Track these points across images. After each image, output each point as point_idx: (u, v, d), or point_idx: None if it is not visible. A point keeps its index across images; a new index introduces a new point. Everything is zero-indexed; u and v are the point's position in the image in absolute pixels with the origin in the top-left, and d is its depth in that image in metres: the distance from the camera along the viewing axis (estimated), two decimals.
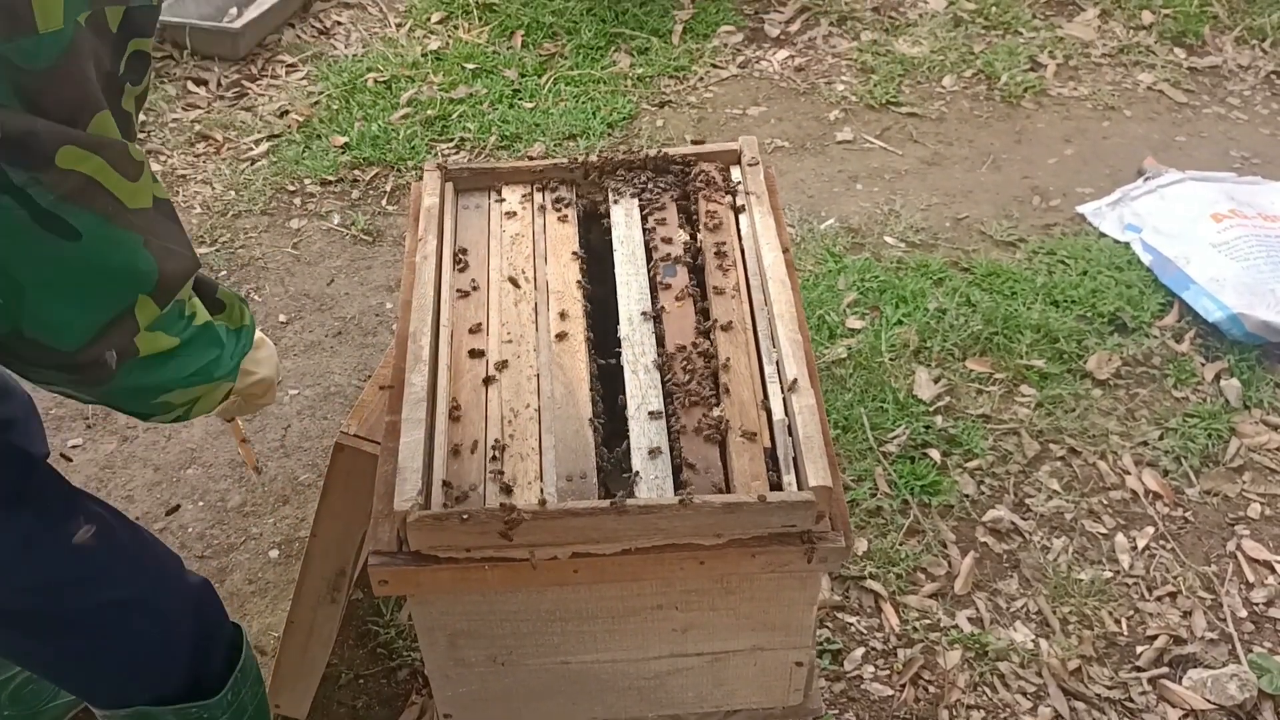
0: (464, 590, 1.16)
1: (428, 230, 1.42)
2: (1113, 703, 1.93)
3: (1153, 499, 2.25)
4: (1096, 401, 2.43)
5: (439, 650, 1.24)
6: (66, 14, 0.85)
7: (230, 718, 1.40)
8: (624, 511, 1.10)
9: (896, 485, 2.24)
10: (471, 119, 3.15)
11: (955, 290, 2.66)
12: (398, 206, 2.92)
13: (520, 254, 1.44)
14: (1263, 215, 2.70)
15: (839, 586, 2.08)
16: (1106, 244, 2.82)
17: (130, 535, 1.29)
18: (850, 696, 1.93)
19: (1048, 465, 2.31)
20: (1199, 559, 2.16)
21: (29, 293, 0.93)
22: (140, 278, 1.00)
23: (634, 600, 1.21)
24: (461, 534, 1.11)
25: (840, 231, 2.86)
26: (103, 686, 1.33)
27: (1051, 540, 2.17)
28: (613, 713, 1.35)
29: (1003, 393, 2.44)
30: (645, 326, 1.35)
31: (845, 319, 2.59)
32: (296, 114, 3.20)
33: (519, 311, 1.37)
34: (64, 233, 0.91)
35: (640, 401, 1.26)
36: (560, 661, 1.27)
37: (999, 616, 2.05)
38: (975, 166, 3.12)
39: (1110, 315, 2.60)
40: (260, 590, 2.08)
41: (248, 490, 2.25)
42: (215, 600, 1.41)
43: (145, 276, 1.00)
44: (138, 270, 0.99)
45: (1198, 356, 2.53)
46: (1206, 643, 2.01)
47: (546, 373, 1.30)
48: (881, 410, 2.38)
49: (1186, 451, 2.33)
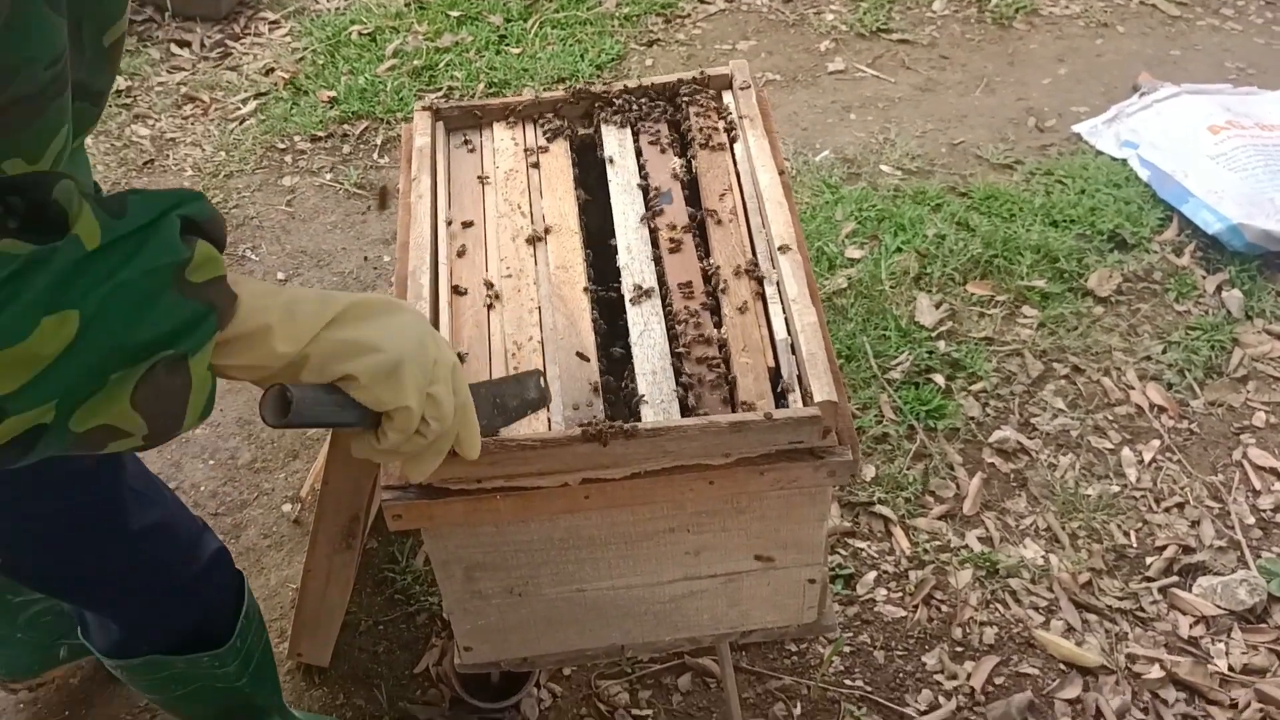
0: (477, 522, 1.17)
1: (421, 170, 1.41)
2: (1124, 613, 1.95)
3: (1157, 412, 2.26)
4: (1099, 319, 2.43)
5: (456, 584, 1.26)
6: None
7: (239, 665, 1.42)
8: (632, 435, 1.11)
9: (902, 411, 2.25)
10: (458, 67, 3.12)
11: (953, 215, 2.64)
12: (389, 159, 2.90)
13: (515, 189, 1.44)
14: (1260, 125, 2.68)
15: (848, 513, 2.10)
16: (1104, 162, 2.80)
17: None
18: (864, 619, 1.96)
19: (1052, 384, 2.32)
20: (1205, 469, 2.17)
21: None
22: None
23: (646, 524, 1.22)
24: (471, 465, 1.11)
25: (836, 162, 2.84)
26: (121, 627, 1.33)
27: (1058, 458, 2.18)
28: (630, 638, 1.37)
29: (1005, 315, 2.44)
30: (644, 254, 1.34)
31: (844, 249, 2.58)
32: (282, 71, 3.17)
33: (516, 246, 1.37)
34: None
35: (642, 328, 1.26)
36: (576, 590, 1.29)
37: (1008, 535, 2.07)
38: (969, 91, 3.09)
39: (1110, 232, 2.59)
40: (276, 544, 2.10)
41: (258, 447, 2.27)
42: (225, 551, 1.41)
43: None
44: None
45: (1198, 269, 2.52)
46: (1215, 550, 2.03)
47: (548, 305, 1.30)
48: (884, 338, 2.38)
49: (1190, 364, 2.33)
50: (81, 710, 1.87)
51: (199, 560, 1.33)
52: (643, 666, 1.88)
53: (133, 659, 1.34)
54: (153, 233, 0.72)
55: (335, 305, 0.84)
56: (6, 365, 0.67)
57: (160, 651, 1.34)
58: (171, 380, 0.74)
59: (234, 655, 1.39)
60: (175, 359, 0.74)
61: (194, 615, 1.34)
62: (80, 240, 0.69)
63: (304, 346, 0.82)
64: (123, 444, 0.76)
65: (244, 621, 1.40)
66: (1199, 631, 1.92)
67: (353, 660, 1.91)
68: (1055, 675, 1.87)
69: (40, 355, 0.68)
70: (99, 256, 0.70)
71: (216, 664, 1.38)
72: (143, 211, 0.73)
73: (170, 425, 0.77)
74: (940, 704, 1.83)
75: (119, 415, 0.73)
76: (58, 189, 0.71)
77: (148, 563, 1.27)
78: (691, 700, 1.85)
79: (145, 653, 1.34)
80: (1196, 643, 1.91)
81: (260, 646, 1.47)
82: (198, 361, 0.75)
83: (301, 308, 0.82)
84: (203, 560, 1.33)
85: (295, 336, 0.81)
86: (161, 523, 1.28)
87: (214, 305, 0.76)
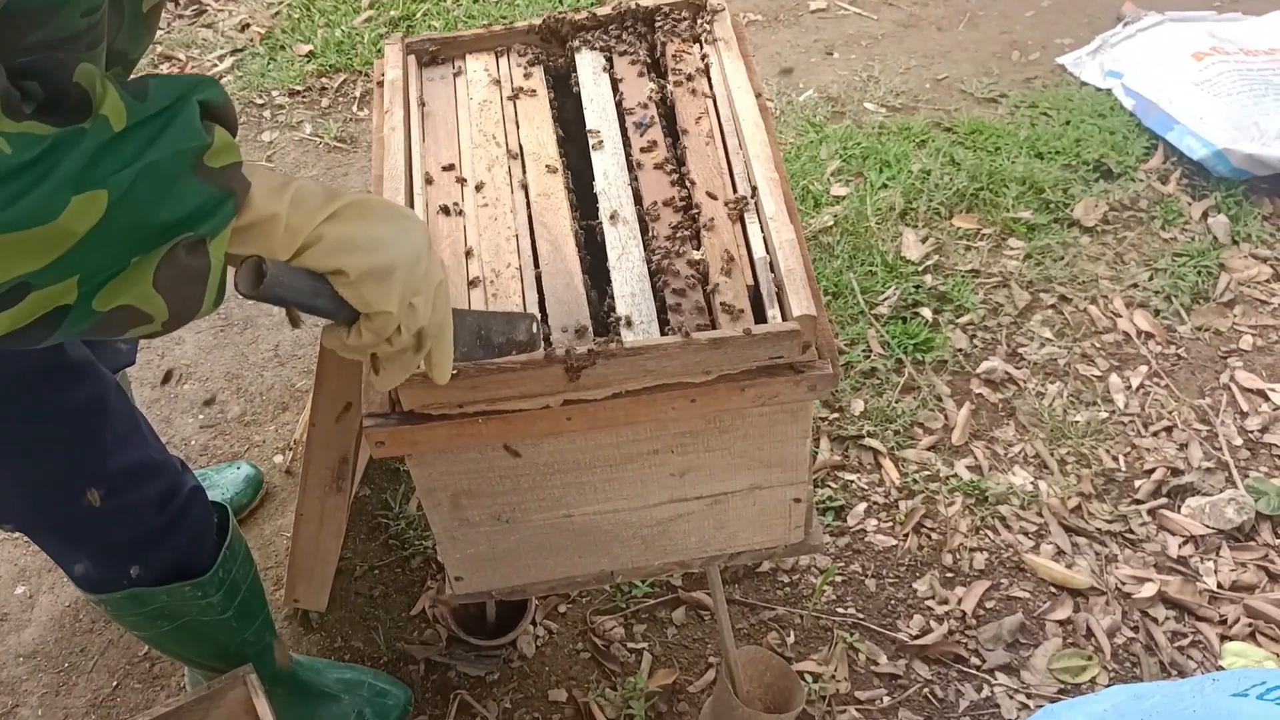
0: (461, 447, 1.17)
1: (393, 103, 1.40)
2: (1113, 535, 1.97)
3: (1145, 339, 2.27)
4: (1085, 248, 2.43)
5: (443, 512, 1.26)
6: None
7: (223, 596, 1.42)
8: (611, 355, 1.11)
9: (890, 345, 2.25)
10: (436, 17, 3.09)
11: (939, 151, 2.63)
12: (369, 111, 2.88)
13: (490, 119, 1.42)
14: (1244, 50, 2.66)
15: (838, 447, 2.10)
16: (1088, 93, 2.79)
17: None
18: (855, 549, 1.97)
19: (1039, 314, 2.32)
20: (1193, 393, 2.18)
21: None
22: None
23: (629, 447, 1.22)
24: (452, 389, 1.11)
25: (819, 101, 2.82)
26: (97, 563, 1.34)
27: (1046, 386, 2.19)
28: (619, 564, 1.37)
29: (991, 247, 2.44)
30: (621, 179, 1.33)
31: (829, 187, 2.57)
32: (258, 26, 3.14)
33: (492, 175, 1.36)
34: None
35: (621, 251, 1.26)
36: (563, 515, 1.29)
37: (997, 463, 2.08)
38: (952, 26, 3.06)
39: (1095, 162, 2.59)
40: (269, 494, 2.10)
41: (247, 401, 2.27)
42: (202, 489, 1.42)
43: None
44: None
45: (1184, 196, 2.52)
46: (1203, 472, 2.04)
47: (526, 231, 1.29)
48: (871, 274, 2.38)
49: (1176, 290, 2.34)
50: (80, 660, 1.88)
51: (177, 499, 1.33)
52: (637, 601, 1.89)
53: (114, 593, 1.35)
54: (175, 116, 0.74)
55: (339, 200, 0.86)
56: (36, 243, 0.68)
57: (141, 585, 1.35)
58: (192, 262, 0.76)
59: (216, 585, 1.40)
60: (195, 241, 0.75)
61: (173, 550, 1.35)
62: (109, 121, 0.71)
63: (305, 237, 0.83)
64: (143, 329, 0.78)
65: (227, 552, 1.41)
66: (1188, 551, 1.94)
67: (349, 605, 1.92)
68: (1046, 598, 1.89)
69: (70, 233, 0.69)
70: (126, 137, 0.72)
71: (199, 594, 1.38)
72: (163, 94, 0.74)
73: (190, 308, 0.78)
74: (932, 628, 1.85)
75: (141, 296, 0.75)
76: (79, 71, 0.73)
77: (125, 504, 1.28)
78: (686, 633, 1.86)
79: (125, 586, 1.34)
80: (1185, 562, 1.92)
81: (247, 582, 1.47)
82: (216, 245, 0.77)
83: (307, 200, 0.84)
84: (181, 497, 1.34)
85: (298, 227, 0.83)
86: (141, 464, 1.28)
87: (232, 190, 0.77)
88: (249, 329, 2.40)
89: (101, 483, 1.25)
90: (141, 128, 0.73)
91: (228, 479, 2.03)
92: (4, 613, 1.96)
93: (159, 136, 0.73)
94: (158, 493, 1.32)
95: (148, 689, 1.84)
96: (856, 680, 1.79)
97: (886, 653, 1.82)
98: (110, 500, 1.27)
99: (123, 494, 1.28)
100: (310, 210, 0.83)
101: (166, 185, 0.73)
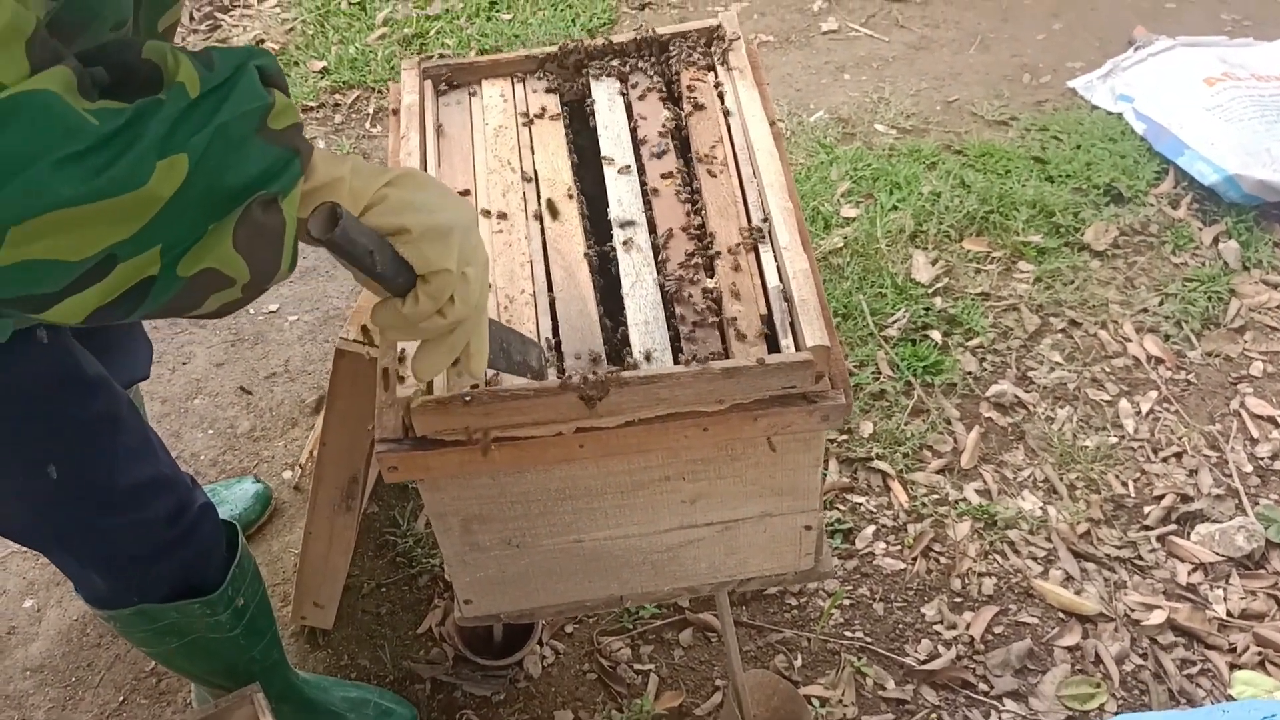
0: (472, 473, 1.18)
1: (409, 127, 1.40)
2: (1122, 561, 1.96)
3: (1155, 364, 2.26)
4: (1095, 272, 2.43)
5: (454, 536, 1.26)
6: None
7: (231, 614, 1.42)
8: (625, 383, 1.11)
9: (899, 368, 2.25)
10: (449, 35, 3.11)
11: (949, 173, 2.64)
12: (381, 128, 2.89)
13: (505, 145, 1.43)
14: (1256, 75, 2.67)
15: (846, 469, 2.10)
16: (1099, 116, 2.79)
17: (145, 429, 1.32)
18: (863, 573, 1.97)
19: (1049, 338, 2.32)
20: (1203, 419, 2.17)
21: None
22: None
23: (641, 473, 1.22)
24: (465, 416, 1.11)
25: (830, 123, 2.83)
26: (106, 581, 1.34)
27: (1055, 410, 2.19)
28: (628, 588, 1.37)
29: (1001, 270, 2.44)
30: (635, 206, 1.34)
31: (840, 209, 2.57)
32: (272, 42, 3.16)
33: (507, 201, 1.36)
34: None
35: (634, 279, 1.26)
36: (574, 540, 1.29)
37: (1006, 487, 2.08)
38: (963, 48, 3.07)
39: (1106, 186, 2.59)
40: (277, 510, 2.10)
41: (256, 416, 2.27)
42: (212, 506, 1.42)
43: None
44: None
45: (1195, 221, 2.52)
46: (1213, 499, 2.04)
47: (540, 257, 1.30)
48: (880, 296, 2.38)
49: (1187, 315, 2.33)
50: (87, 674, 1.89)
51: (187, 515, 1.34)
52: (644, 622, 1.89)
53: (123, 609, 1.36)
54: (239, 79, 0.77)
55: (395, 170, 0.90)
56: (127, 209, 0.71)
57: (150, 601, 1.35)
58: (267, 220, 0.78)
59: (225, 603, 1.40)
60: (268, 200, 0.78)
61: (182, 567, 1.35)
62: (185, 88, 0.74)
63: (369, 198, 0.86)
64: (224, 294, 0.80)
65: (236, 570, 1.41)
66: (1197, 578, 1.94)
67: (356, 622, 1.92)
68: (1054, 623, 1.88)
69: (156, 198, 0.72)
70: (200, 103, 0.75)
71: (208, 612, 1.39)
72: (227, 63, 0.77)
73: (268, 269, 0.81)
74: (940, 653, 1.84)
75: (222, 258, 0.77)
76: (148, 48, 0.77)
77: (135, 521, 1.28)
78: (693, 655, 1.86)
79: (135, 603, 1.35)
80: (1195, 589, 1.92)
81: (256, 600, 1.48)
82: (289, 203, 0.80)
83: (366, 168, 0.88)
84: (191, 514, 1.34)
85: (362, 189, 0.86)
86: (152, 480, 1.29)
87: (297, 149, 0.80)
88: (259, 344, 2.41)
89: (112, 498, 1.26)
90: (213, 93, 0.76)
91: (236, 495, 2.04)
92: (11, 626, 1.97)
93: (226, 99, 0.76)
94: (168, 509, 1.33)
95: (154, 705, 1.85)
96: (864, 705, 1.79)
97: (894, 677, 1.82)
98: (120, 516, 1.27)
99: (133, 510, 1.28)
100: (370, 175, 0.87)
101: (236, 147, 0.76)
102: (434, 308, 0.90)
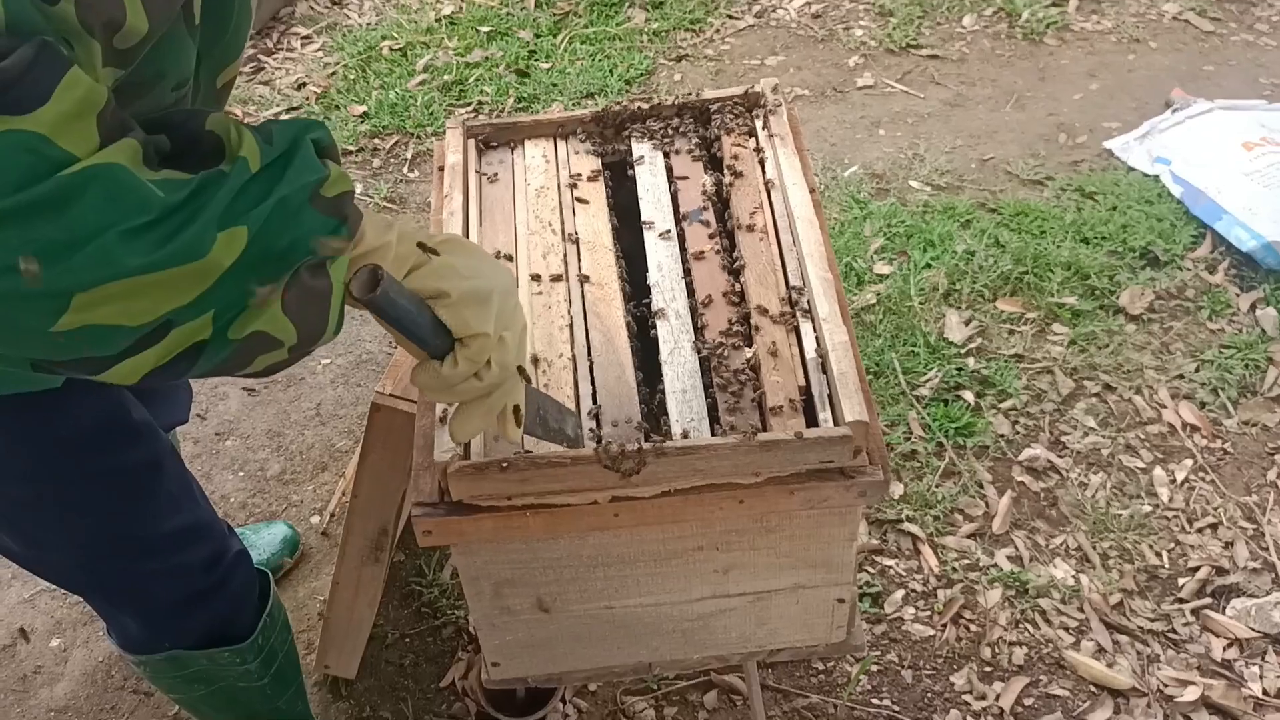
0: (506, 538, 1.17)
1: (453, 187, 1.42)
2: (1156, 634, 1.93)
3: (1190, 431, 2.24)
4: (1130, 336, 2.41)
5: (484, 599, 1.26)
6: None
7: (260, 663, 1.42)
8: (662, 453, 1.11)
9: (930, 428, 2.24)
10: (488, 82, 3.14)
11: (983, 231, 2.63)
12: (419, 173, 2.92)
13: (546, 206, 1.44)
14: None
15: (876, 531, 2.08)
16: (1135, 178, 2.78)
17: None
18: (892, 638, 1.94)
19: (1083, 402, 2.30)
20: (1239, 489, 2.14)
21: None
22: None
23: (675, 543, 1.22)
24: (502, 482, 1.11)
25: (864, 178, 2.84)
26: (140, 625, 1.35)
27: (1089, 476, 2.16)
28: (658, 656, 1.36)
29: (1035, 332, 2.43)
30: (674, 272, 1.34)
31: (873, 265, 2.57)
32: (314, 85, 3.21)
33: (548, 263, 1.37)
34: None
35: (673, 346, 1.26)
36: (604, 606, 1.29)
37: (1038, 554, 2.05)
38: (999, 106, 3.08)
39: (1142, 249, 2.57)
40: (304, 556, 2.11)
41: (287, 459, 2.28)
42: (247, 553, 1.43)
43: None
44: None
45: (1232, 287, 2.50)
46: (1249, 572, 2.01)
47: (580, 321, 1.30)
48: (913, 354, 2.37)
49: (1223, 383, 2.31)
50: (110, 717, 1.89)
51: (223, 562, 1.34)
52: (669, 683, 1.87)
53: (154, 654, 1.36)
54: (296, 153, 0.79)
55: (439, 235, 0.93)
56: (188, 278, 0.73)
57: (182, 647, 1.35)
58: (315, 284, 0.80)
59: (255, 652, 1.40)
60: (316, 265, 0.80)
61: (215, 614, 1.36)
62: (248, 162, 0.77)
63: (412, 261, 0.89)
64: (271, 356, 0.82)
65: (267, 619, 1.41)
66: (1232, 654, 1.90)
67: (379, 673, 1.92)
68: (1086, 697, 1.85)
69: (217, 267, 0.74)
70: (260, 176, 0.77)
71: (238, 660, 1.39)
72: (284, 136, 0.80)
73: (315, 331, 0.83)
74: None
75: (271, 321, 0.79)
76: (211, 120, 0.81)
77: (173, 566, 1.29)
78: (717, 717, 1.84)
79: (167, 648, 1.35)
80: (1230, 665, 1.88)
81: (284, 649, 1.48)
82: (336, 267, 0.82)
83: (410, 232, 0.90)
84: (226, 561, 1.35)
85: (406, 254, 0.89)
86: (192, 526, 1.29)
87: (346, 216, 0.82)
88: (291, 386, 2.43)
89: (153, 544, 1.26)
90: (273, 167, 0.78)
91: (265, 539, 2.05)
92: (38, 665, 1.97)
93: (284, 172, 0.78)
94: (205, 556, 1.33)
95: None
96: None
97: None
98: (160, 561, 1.28)
99: (173, 555, 1.29)
100: (414, 240, 0.90)
101: (292, 216, 0.78)
102: (471, 370, 0.92)
